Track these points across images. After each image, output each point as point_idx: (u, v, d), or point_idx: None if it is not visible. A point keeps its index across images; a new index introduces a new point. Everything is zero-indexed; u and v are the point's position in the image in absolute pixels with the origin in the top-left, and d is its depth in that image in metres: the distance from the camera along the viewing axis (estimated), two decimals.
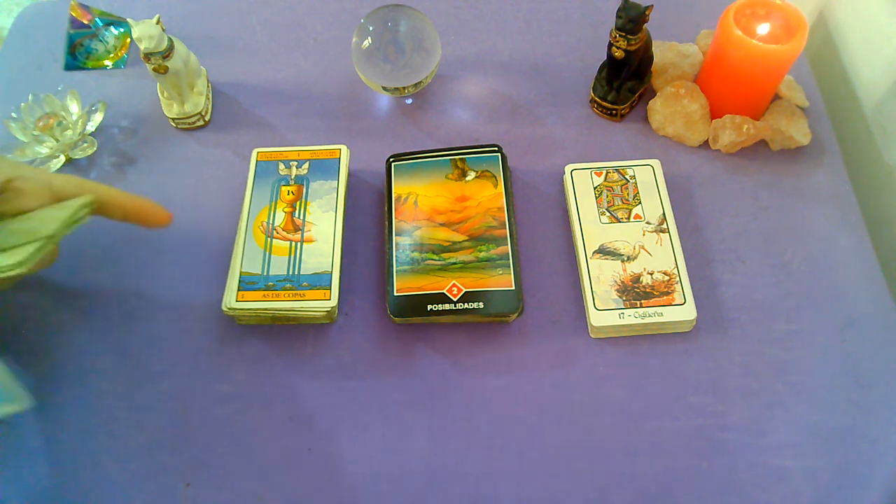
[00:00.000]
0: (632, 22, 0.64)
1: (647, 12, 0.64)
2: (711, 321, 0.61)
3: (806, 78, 0.75)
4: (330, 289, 0.61)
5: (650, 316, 0.59)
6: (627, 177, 0.67)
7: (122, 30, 0.82)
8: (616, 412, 0.58)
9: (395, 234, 0.64)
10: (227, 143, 0.74)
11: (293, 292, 0.61)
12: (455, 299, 0.60)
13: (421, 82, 0.72)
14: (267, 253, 0.63)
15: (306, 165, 0.68)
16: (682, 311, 0.59)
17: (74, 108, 0.74)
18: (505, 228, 0.63)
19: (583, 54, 0.79)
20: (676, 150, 0.71)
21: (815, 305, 0.62)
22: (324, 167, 0.68)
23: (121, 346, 0.62)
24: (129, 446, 0.58)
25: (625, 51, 0.66)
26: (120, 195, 0.58)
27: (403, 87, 0.72)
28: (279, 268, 0.62)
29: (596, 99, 0.73)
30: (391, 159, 0.69)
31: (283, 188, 0.67)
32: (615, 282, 0.61)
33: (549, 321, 0.62)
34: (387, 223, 0.65)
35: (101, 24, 0.82)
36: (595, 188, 0.67)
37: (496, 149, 0.68)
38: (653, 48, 0.71)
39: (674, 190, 0.68)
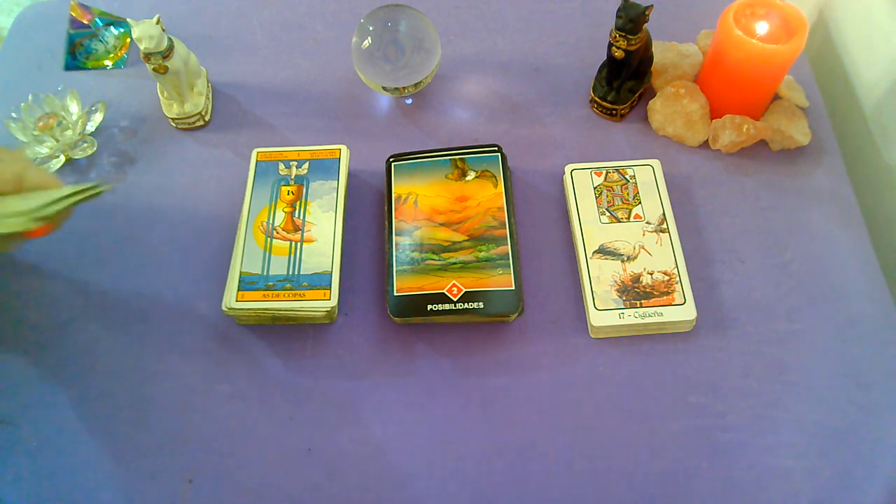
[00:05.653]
0: (632, 22, 0.64)
1: (646, 12, 0.64)
2: (711, 321, 0.61)
3: (806, 78, 0.75)
4: (330, 289, 0.61)
5: (650, 316, 0.59)
6: (627, 177, 0.67)
7: (122, 30, 0.82)
8: (616, 412, 0.58)
9: (395, 234, 0.64)
10: (227, 143, 0.74)
11: (293, 292, 0.61)
12: (455, 299, 0.60)
13: (421, 82, 0.72)
14: (267, 253, 0.63)
15: (306, 165, 0.68)
16: (682, 311, 0.59)
17: (74, 108, 0.74)
18: (505, 228, 0.63)
19: (583, 54, 0.79)
20: (676, 150, 0.71)
21: (815, 305, 0.62)
22: (324, 167, 0.68)
23: (121, 345, 0.62)
24: (129, 446, 0.58)
25: (625, 51, 0.66)
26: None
27: (403, 87, 0.72)
28: (279, 268, 0.62)
29: (596, 99, 0.73)
30: (391, 159, 0.69)
31: (283, 188, 0.67)
32: (615, 282, 0.61)
33: (549, 321, 0.62)
34: (387, 223, 0.65)
35: (101, 24, 0.82)
36: (595, 188, 0.67)
37: (496, 149, 0.68)
38: (653, 48, 0.71)
39: (674, 190, 0.68)
